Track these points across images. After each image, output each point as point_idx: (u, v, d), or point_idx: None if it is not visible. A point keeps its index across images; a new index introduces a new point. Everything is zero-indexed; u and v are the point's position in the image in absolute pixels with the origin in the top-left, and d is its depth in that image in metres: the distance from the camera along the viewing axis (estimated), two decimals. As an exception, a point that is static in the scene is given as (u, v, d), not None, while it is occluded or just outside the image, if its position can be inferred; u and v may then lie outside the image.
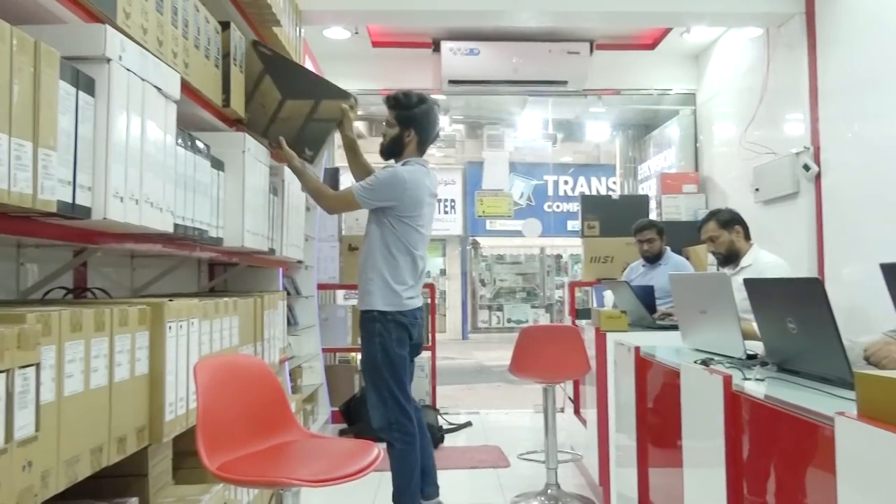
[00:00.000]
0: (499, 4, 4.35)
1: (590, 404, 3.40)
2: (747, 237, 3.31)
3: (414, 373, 3.01)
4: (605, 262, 5.44)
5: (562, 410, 4.33)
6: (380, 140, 2.93)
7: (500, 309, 14.83)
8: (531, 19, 4.55)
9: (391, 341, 2.66)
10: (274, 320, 2.96)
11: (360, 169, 2.97)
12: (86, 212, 1.43)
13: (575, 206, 13.21)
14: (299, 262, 3.86)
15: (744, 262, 3.24)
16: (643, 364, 2.29)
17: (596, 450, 3.11)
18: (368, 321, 2.69)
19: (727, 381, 1.60)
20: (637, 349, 2.33)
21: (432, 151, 11.45)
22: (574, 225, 13.11)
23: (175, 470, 1.99)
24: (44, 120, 1.25)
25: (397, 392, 2.66)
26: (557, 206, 13.65)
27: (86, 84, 1.42)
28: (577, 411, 4.08)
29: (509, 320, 14.62)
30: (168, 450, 1.92)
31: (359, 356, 5.72)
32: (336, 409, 4.90)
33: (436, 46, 5.51)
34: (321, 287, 5.18)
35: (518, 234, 12.75)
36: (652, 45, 5.75)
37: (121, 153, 1.53)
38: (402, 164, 2.76)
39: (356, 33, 5.22)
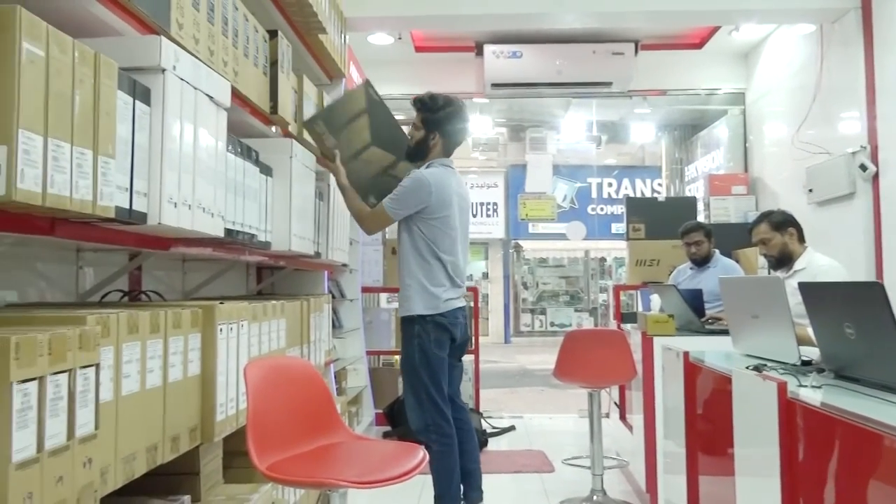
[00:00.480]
0: (542, 7, 4.34)
1: (636, 410, 3.34)
2: (801, 239, 3.21)
3: (462, 374, 3.01)
4: (651, 265, 5.36)
5: (607, 415, 4.27)
6: None
7: (542, 312, 14.73)
8: (575, 21, 4.52)
9: (429, 342, 2.66)
10: (320, 323, 3.01)
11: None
12: (142, 217, 1.47)
13: (619, 209, 13.05)
14: (344, 265, 3.91)
15: (797, 265, 3.14)
16: (692, 369, 2.24)
17: (643, 456, 3.06)
18: (408, 324, 2.71)
19: (782, 388, 1.56)
20: (686, 354, 2.29)
21: (475, 155, 11.53)
22: (618, 227, 12.96)
23: (224, 469, 2.03)
24: (103, 129, 1.30)
25: (434, 394, 2.66)
26: (601, 209, 13.50)
27: (142, 94, 1.47)
28: (622, 417, 4.02)
29: (552, 324, 14.50)
30: (219, 449, 1.97)
31: (402, 359, 5.78)
32: (380, 411, 4.94)
33: (478, 50, 5.52)
34: (365, 290, 5.23)
35: (561, 237, 12.65)
36: (699, 45, 5.65)
37: (175, 160, 1.57)
38: (426, 167, 2.76)
39: (399, 39, 5.26)
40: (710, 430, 2.14)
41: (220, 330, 1.77)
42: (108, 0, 1.48)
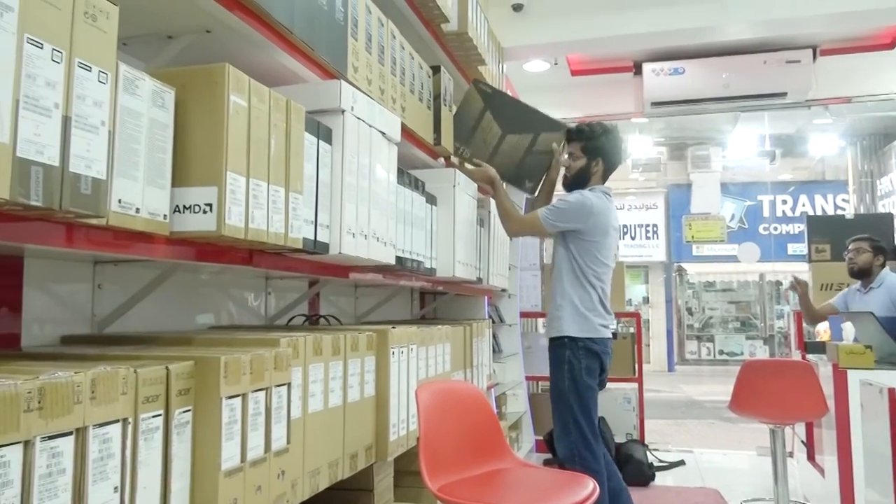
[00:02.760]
0: (705, 20, 4.14)
1: (828, 450, 3.02)
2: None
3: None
4: (839, 289, 4.83)
5: (791, 455, 3.89)
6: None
7: (710, 340, 13.84)
8: (743, 31, 4.26)
9: (580, 369, 2.58)
10: (482, 347, 3.05)
11: (542, 204, 3.00)
12: (325, 247, 1.59)
13: (797, 228, 12.00)
14: (503, 290, 3.94)
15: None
16: (898, 408, 1.99)
17: (837, 503, 2.75)
18: (557, 347, 2.65)
19: None
20: (891, 391, 2.03)
21: (634, 175, 11.18)
22: (796, 248, 11.91)
23: (394, 488, 2.11)
24: (293, 168, 1.43)
25: (583, 423, 2.56)
26: (775, 228, 12.47)
27: (325, 134, 1.59)
28: (811, 457, 3.65)
29: (721, 352, 13.58)
30: (390, 468, 2.05)
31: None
32: (540, 437, 4.88)
33: (637, 69, 5.38)
34: (524, 315, 5.23)
35: (728, 258, 11.86)
36: (890, 45, 5.09)
37: (353, 193, 1.69)
38: (589, 190, 2.73)
39: (555, 64, 5.27)
40: (923, 479, 1.88)
41: (393, 353, 1.86)
42: (296, 51, 1.63)
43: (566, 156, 2.86)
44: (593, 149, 2.75)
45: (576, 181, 2.78)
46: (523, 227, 2.87)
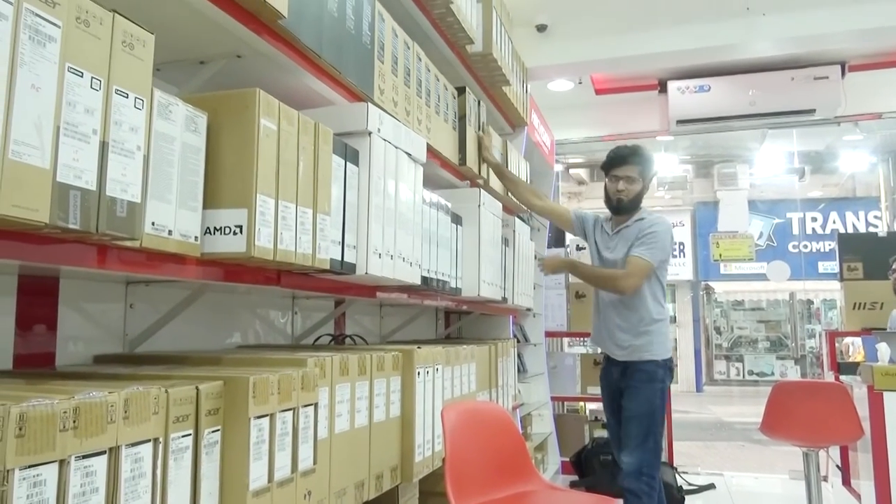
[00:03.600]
0: (732, 37, 4.12)
1: (864, 475, 2.93)
2: None
3: None
4: (872, 308, 4.74)
5: (825, 479, 3.79)
6: (601, 186, 2.88)
7: (739, 360, 13.58)
8: (771, 48, 4.23)
9: (667, 389, 2.66)
10: (506, 367, 3.03)
11: (516, 186, 3.01)
12: (351, 268, 1.60)
13: (827, 245, 11.78)
14: (528, 309, 3.92)
15: None
16: (937, 432, 1.93)
17: (875, 530, 2.67)
18: (651, 367, 2.63)
19: None
20: (928, 414, 1.98)
21: (659, 193, 11.08)
22: (826, 266, 11.68)
23: (419, 509, 2.10)
24: (321, 189, 1.45)
25: (658, 444, 2.61)
26: (805, 246, 12.25)
27: (352, 156, 1.61)
28: (846, 482, 3.56)
29: (751, 372, 13.31)
30: (416, 489, 2.03)
31: (589, 406, 5.60)
32: (566, 459, 4.81)
33: (662, 87, 5.36)
34: (549, 334, 5.18)
35: (757, 277, 11.67)
36: (921, 60, 5.01)
37: (379, 214, 1.70)
38: (648, 215, 2.74)
39: (579, 83, 5.28)
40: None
41: (418, 373, 1.86)
42: (324, 74, 1.66)
43: (490, 139, 2.86)
44: (647, 173, 2.76)
45: (632, 204, 2.74)
46: (640, 277, 2.62)
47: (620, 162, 2.71)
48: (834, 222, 12.16)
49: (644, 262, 2.60)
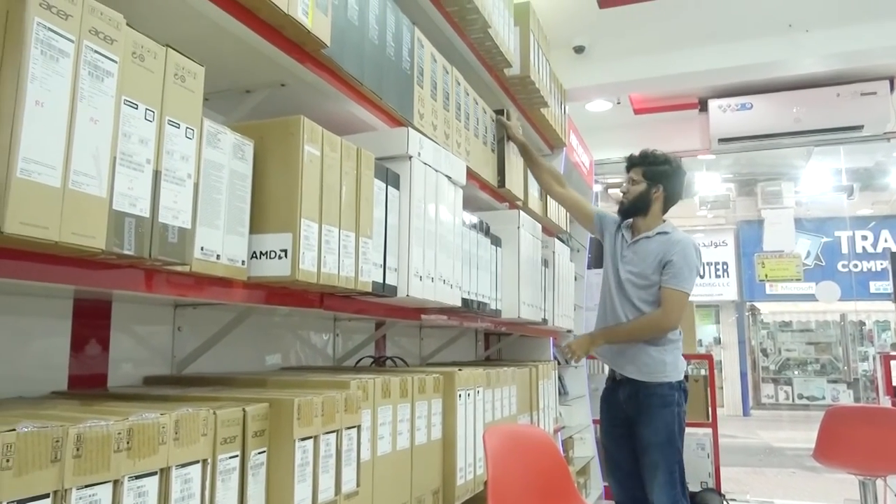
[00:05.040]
0: (775, 54, 4.05)
1: (925, 506, 2.80)
2: None
3: None
4: (929, 330, 4.55)
5: (883, 509, 3.63)
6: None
7: (788, 383, 13.15)
8: (816, 64, 4.14)
9: (684, 412, 2.55)
10: (548, 390, 3.00)
11: (539, 169, 2.92)
12: (393, 290, 1.62)
13: (879, 265, 11.41)
14: (569, 331, 3.88)
15: None
16: None
17: (938, 564, 2.54)
18: (666, 389, 2.54)
19: None
20: None
21: (702, 213, 10.90)
22: (879, 286, 11.30)
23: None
24: (363, 213, 1.47)
25: (682, 471, 2.50)
26: (855, 265, 11.87)
27: (393, 180, 1.63)
28: (905, 512, 3.40)
29: (800, 396, 12.88)
30: (457, 513, 2.02)
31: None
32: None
33: (702, 106, 5.30)
34: (590, 357, 5.10)
35: (805, 297, 11.34)
36: (974, 73, 4.86)
37: (420, 237, 1.71)
38: (673, 231, 2.65)
39: (618, 103, 5.26)
40: None
41: (460, 396, 1.85)
42: (365, 101, 1.69)
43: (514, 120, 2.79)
44: (654, 174, 2.68)
45: (634, 206, 2.69)
46: (680, 310, 2.58)
47: (629, 165, 2.76)
48: (885, 241, 11.77)
49: (678, 293, 2.54)
